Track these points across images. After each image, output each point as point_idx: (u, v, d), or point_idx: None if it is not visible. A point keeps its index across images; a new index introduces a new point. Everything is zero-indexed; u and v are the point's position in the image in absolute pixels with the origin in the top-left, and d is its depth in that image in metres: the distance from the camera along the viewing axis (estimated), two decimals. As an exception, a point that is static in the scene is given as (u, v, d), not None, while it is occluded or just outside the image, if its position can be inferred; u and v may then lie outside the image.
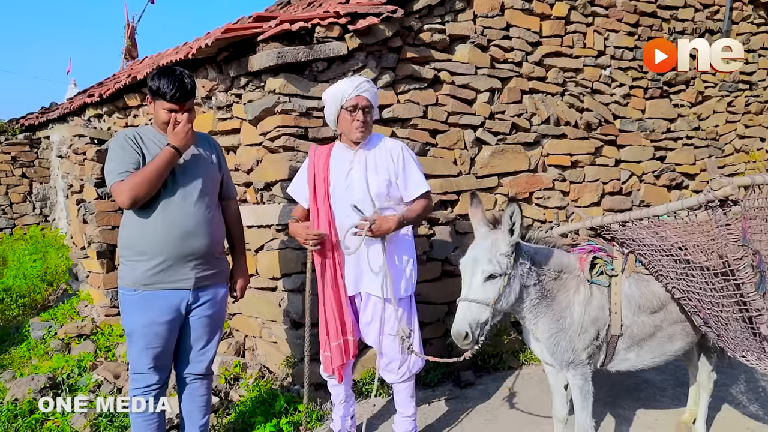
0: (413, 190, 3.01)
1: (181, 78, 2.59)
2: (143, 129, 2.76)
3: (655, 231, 2.62)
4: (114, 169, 2.59)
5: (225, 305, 2.96)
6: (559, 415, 2.96)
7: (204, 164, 2.78)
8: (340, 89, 2.95)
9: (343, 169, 3.01)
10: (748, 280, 2.17)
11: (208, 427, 3.00)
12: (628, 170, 5.34)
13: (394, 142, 3.10)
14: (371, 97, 2.97)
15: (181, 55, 4.11)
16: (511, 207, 2.43)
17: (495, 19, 4.53)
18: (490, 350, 4.40)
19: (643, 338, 2.76)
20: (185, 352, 2.85)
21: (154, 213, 2.62)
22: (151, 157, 2.61)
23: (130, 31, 12.10)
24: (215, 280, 2.83)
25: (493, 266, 2.43)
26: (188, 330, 2.80)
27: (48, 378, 3.94)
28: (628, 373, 4.01)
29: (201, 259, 2.72)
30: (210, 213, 2.76)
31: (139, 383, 2.71)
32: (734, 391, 3.90)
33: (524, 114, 4.69)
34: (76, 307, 5.75)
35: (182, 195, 2.65)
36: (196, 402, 2.92)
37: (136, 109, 5.92)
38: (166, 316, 2.66)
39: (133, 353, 2.72)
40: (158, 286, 2.64)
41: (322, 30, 3.70)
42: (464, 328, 2.39)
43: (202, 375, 2.90)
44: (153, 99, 2.65)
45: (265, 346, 4.26)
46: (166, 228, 2.61)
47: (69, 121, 7.83)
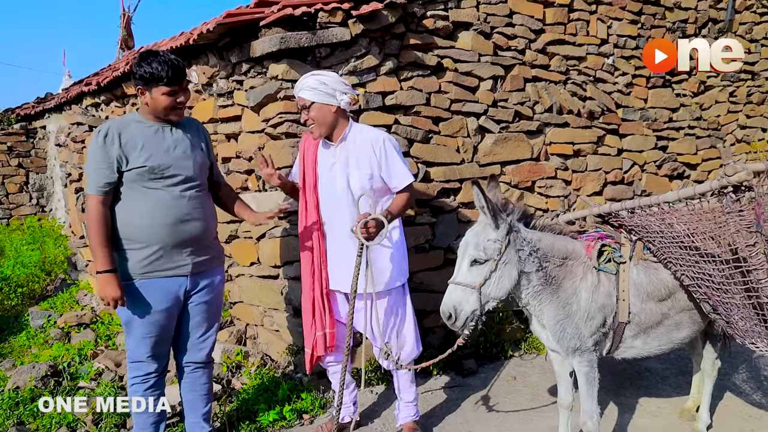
0: (398, 181, 2.98)
1: (169, 58, 2.55)
2: (126, 120, 2.68)
3: (663, 218, 2.61)
4: (88, 179, 2.60)
5: (222, 291, 2.95)
6: (564, 402, 2.95)
7: (194, 150, 2.76)
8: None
9: (327, 163, 3.00)
10: (761, 267, 2.16)
11: (210, 415, 3.00)
12: (630, 159, 5.32)
13: (376, 133, 3.02)
14: (309, 94, 2.86)
15: (182, 41, 4.06)
16: (474, 189, 2.44)
17: (498, 6, 4.49)
18: (493, 339, 4.39)
19: (651, 326, 2.76)
20: (185, 340, 2.84)
21: (145, 201, 2.60)
22: (134, 151, 2.56)
23: (126, 21, 11.96)
24: (212, 264, 2.83)
25: (478, 252, 2.47)
26: (187, 317, 2.79)
27: (49, 366, 3.92)
28: (630, 362, 4.03)
29: (195, 245, 2.71)
30: (201, 199, 2.75)
31: (137, 371, 2.70)
32: (736, 380, 3.90)
33: (527, 102, 4.67)
34: (76, 296, 5.73)
35: (173, 182, 2.63)
36: (197, 390, 2.92)
37: (134, 98, 5.86)
38: (164, 304, 2.65)
39: (131, 342, 2.70)
40: (155, 275, 2.63)
41: (325, 15, 3.66)
42: (448, 309, 2.48)
43: (203, 363, 2.90)
44: (146, 87, 2.57)
45: (266, 334, 4.24)
46: (158, 216, 2.59)
47: (66, 110, 7.76)
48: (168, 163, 2.62)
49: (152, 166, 2.58)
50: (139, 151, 2.58)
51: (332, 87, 2.88)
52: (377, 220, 2.76)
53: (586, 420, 2.74)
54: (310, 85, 2.87)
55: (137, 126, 2.63)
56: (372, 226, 2.75)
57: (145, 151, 2.59)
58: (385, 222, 2.78)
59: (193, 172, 2.71)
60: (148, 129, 2.63)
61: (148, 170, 2.57)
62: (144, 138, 2.60)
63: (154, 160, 2.59)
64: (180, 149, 2.69)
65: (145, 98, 2.60)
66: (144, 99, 2.61)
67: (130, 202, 2.60)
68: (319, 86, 2.86)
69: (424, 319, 4.05)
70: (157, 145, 2.63)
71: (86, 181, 2.60)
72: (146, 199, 2.59)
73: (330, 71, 3.08)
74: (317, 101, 2.87)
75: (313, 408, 3.55)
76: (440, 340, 4.25)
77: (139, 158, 2.57)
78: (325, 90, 2.87)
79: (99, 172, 2.54)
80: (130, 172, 2.57)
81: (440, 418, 3.52)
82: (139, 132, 2.61)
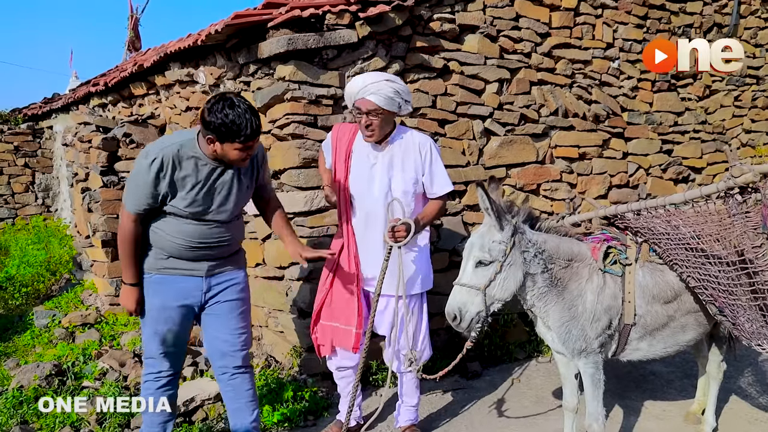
0: (439, 188, 2.99)
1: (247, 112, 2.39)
2: (184, 152, 2.50)
3: (669, 220, 2.61)
4: (128, 195, 2.56)
5: (247, 292, 2.86)
6: (569, 404, 2.95)
7: (240, 191, 2.67)
8: (351, 87, 2.88)
9: (366, 163, 2.96)
10: (767, 268, 2.16)
11: (259, 422, 2.88)
12: (635, 163, 5.32)
13: (422, 136, 3.02)
14: (379, 100, 2.78)
15: (190, 42, 4.09)
16: (478, 191, 2.44)
17: (504, 9, 4.50)
18: (498, 342, 4.39)
19: (656, 328, 2.75)
20: (217, 345, 2.77)
21: (174, 225, 2.58)
22: (182, 190, 2.49)
23: (134, 22, 12.04)
24: (228, 265, 2.77)
25: (483, 253, 2.48)
26: (213, 321, 2.74)
27: (53, 365, 3.93)
28: (635, 365, 4.03)
29: (216, 259, 2.71)
30: (230, 225, 2.71)
31: (150, 368, 2.70)
32: (742, 383, 3.90)
33: (533, 105, 4.67)
34: (81, 296, 5.74)
35: (205, 220, 2.60)
36: (242, 398, 2.80)
37: (142, 98, 5.89)
38: (178, 301, 2.64)
39: (145, 336, 2.72)
40: (170, 271, 2.64)
41: (333, 17, 3.68)
42: (453, 310, 2.49)
43: (243, 367, 2.79)
44: (220, 140, 2.41)
45: (271, 335, 4.25)
46: (185, 240, 2.59)
47: (73, 110, 7.80)
48: (208, 208, 2.58)
49: (192, 212, 2.55)
50: (186, 192, 2.52)
51: (403, 97, 2.86)
52: (407, 224, 2.79)
53: (591, 422, 2.74)
54: (383, 92, 2.79)
55: (192, 163, 2.51)
56: (401, 231, 2.77)
57: (191, 194, 2.52)
58: (412, 225, 2.79)
59: (229, 216, 2.66)
60: (202, 168, 2.53)
61: (186, 214, 2.56)
62: (195, 178, 2.52)
63: (195, 207, 2.55)
64: (224, 192, 2.61)
65: (215, 147, 2.46)
66: (213, 147, 2.46)
67: (160, 220, 2.59)
68: (393, 95, 2.81)
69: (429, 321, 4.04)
70: (205, 191, 2.56)
71: (125, 194, 2.57)
72: (176, 224, 2.58)
73: (398, 78, 2.98)
74: (386, 108, 2.82)
75: (318, 409, 3.55)
76: (444, 342, 4.25)
77: (183, 201, 2.52)
78: (396, 98, 2.83)
79: (142, 197, 2.50)
80: (168, 206, 2.55)
81: (444, 420, 3.52)
82: (193, 171, 2.51)
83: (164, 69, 5.01)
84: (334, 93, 3.77)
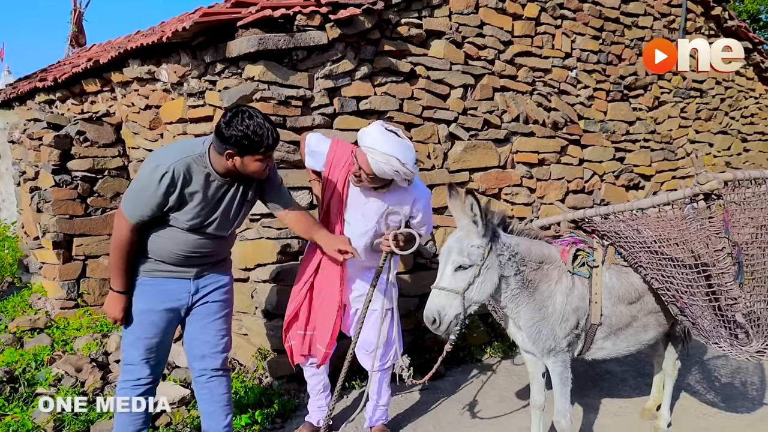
0: (422, 231, 3.13)
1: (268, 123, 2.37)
2: (196, 166, 2.43)
3: (631, 224, 2.73)
4: (129, 203, 2.47)
5: (231, 294, 2.83)
6: (536, 402, 3.03)
7: (243, 207, 2.64)
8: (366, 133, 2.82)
9: (360, 198, 2.98)
10: (727, 271, 2.29)
11: (232, 428, 2.84)
12: (590, 169, 5.53)
13: (419, 192, 3.04)
14: (378, 169, 2.74)
15: (154, 39, 3.98)
16: (469, 199, 2.50)
17: (470, 17, 4.59)
18: (460, 343, 4.46)
19: (621, 328, 2.87)
20: (197, 346, 2.72)
21: (169, 233, 2.53)
22: (189, 204, 2.44)
23: (77, 16, 11.59)
24: (216, 269, 2.73)
25: (463, 257, 2.52)
26: (197, 319, 2.70)
27: (4, 372, 3.74)
28: (591, 364, 4.17)
29: (204, 264, 2.67)
30: (226, 240, 2.70)
31: (128, 375, 2.61)
32: (690, 381, 4.10)
33: (495, 111, 4.78)
34: (28, 300, 5.48)
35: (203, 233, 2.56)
36: (217, 402, 2.75)
37: (95, 95, 5.70)
38: (165, 304, 2.58)
39: (126, 342, 2.63)
40: (158, 273, 2.58)
41: (304, 18, 3.66)
42: (432, 314, 2.52)
43: (221, 370, 2.75)
44: (240, 153, 2.36)
45: (234, 338, 4.16)
46: (180, 249, 2.54)
47: (16, 106, 7.44)
48: (210, 223, 2.54)
49: (192, 225, 2.50)
50: (193, 207, 2.47)
51: (402, 177, 2.80)
52: (410, 234, 2.91)
53: (560, 419, 2.83)
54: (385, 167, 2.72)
55: (203, 179, 2.45)
56: (401, 240, 2.88)
57: (196, 209, 2.47)
58: (416, 235, 2.92)
59: (228, 232, 2.64)
60: (211, 184, 2.48)
61: (187, 227, 2.50)
62: (203, 194, 2.47)
63: (198, 221, 2.50)
64: (227, 209, 2.57)
65: (233, 161, 2.39)
66: (231, 162, 2.39)
67: (155, 227, 2.52)
68: (392, 174, 2.77)
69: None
70: (210, 206, 2.51)
71: (126, 201, 2.48)
72: (171, 233, 2.52)
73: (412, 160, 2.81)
74: (379, 177, 2.81)
75: (285, 411, 3.52)
76: (408, 344, 4.28)
77: (187, 215, 2.47)
78: (394, 176, 2.80)
79: (146, 208, 2.42)
80: (170, 217, 2.49)
81: (411, 420, 3.55)
82: (203, 187, 2.46)
83: (122, 66, 4.86)
84: (304, 94, 3.76)
